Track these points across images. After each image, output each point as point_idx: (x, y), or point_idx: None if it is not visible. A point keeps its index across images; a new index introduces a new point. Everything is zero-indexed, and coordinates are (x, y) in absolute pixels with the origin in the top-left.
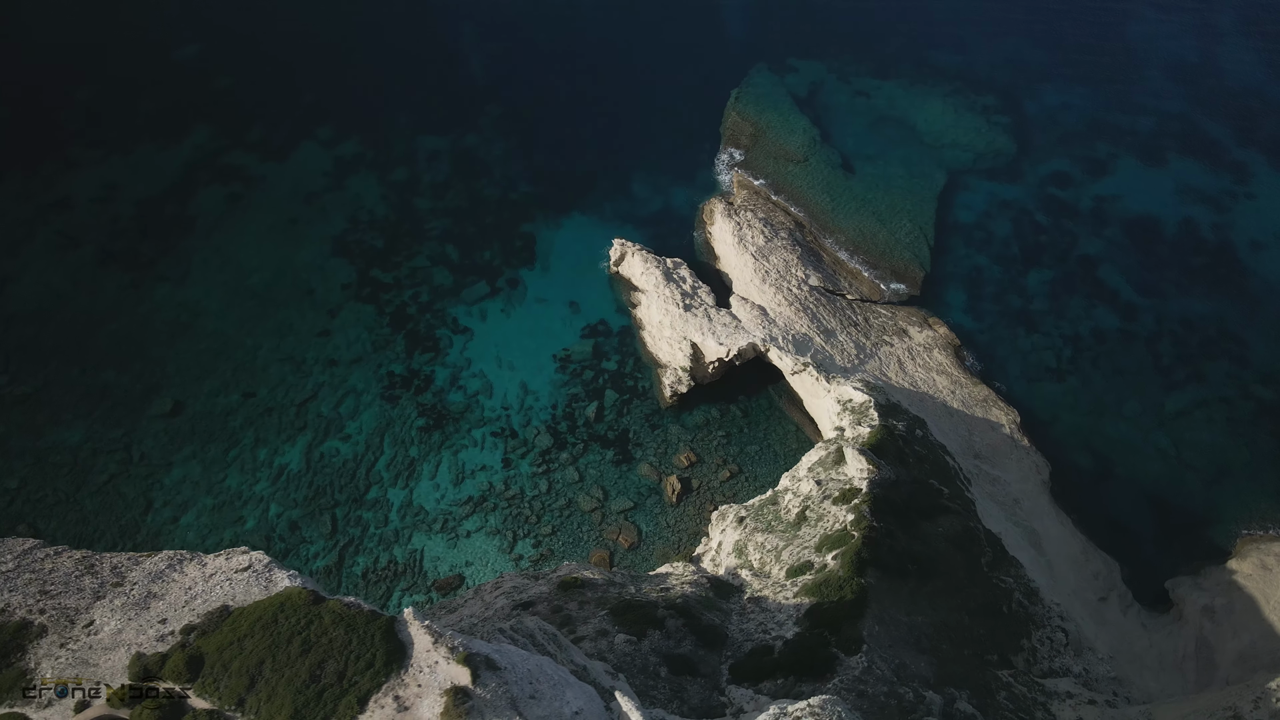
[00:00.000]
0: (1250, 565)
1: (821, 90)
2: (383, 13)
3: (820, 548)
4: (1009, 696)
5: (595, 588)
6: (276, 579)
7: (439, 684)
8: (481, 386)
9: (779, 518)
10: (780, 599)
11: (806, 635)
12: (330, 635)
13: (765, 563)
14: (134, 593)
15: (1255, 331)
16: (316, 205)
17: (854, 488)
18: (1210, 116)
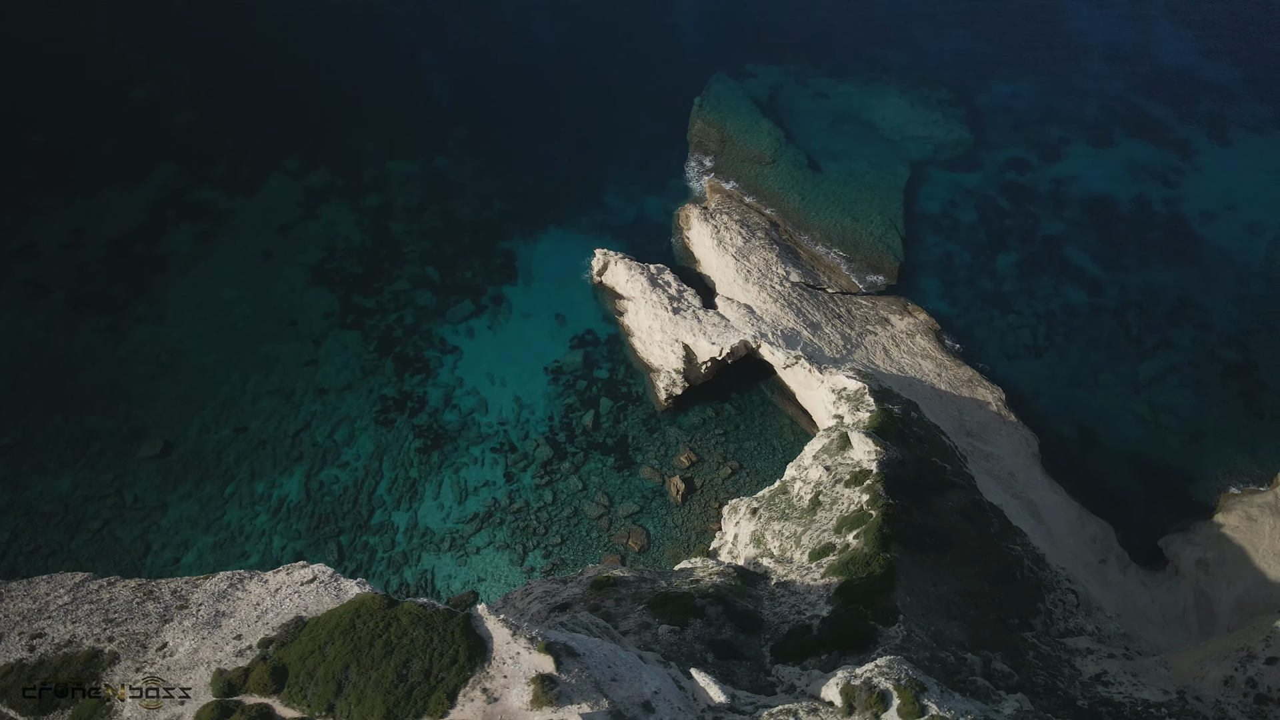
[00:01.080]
0: (1235, 518)
1: (781, 94)
2: (341, 42)
3: (839, 529)
4: (1037, 655)
5: (628, 585)
6: (345, 587)
7: (524, 673)
8: (476, 404)
9: (792, 505)
10: (808, 581)
11: (842, 611)
12: (410, 635)
13: (786, 549)
14: (202, 613)
15: (1214, 297)
16: (290, 236)
17: (864, 469)
18: (1150, 98)
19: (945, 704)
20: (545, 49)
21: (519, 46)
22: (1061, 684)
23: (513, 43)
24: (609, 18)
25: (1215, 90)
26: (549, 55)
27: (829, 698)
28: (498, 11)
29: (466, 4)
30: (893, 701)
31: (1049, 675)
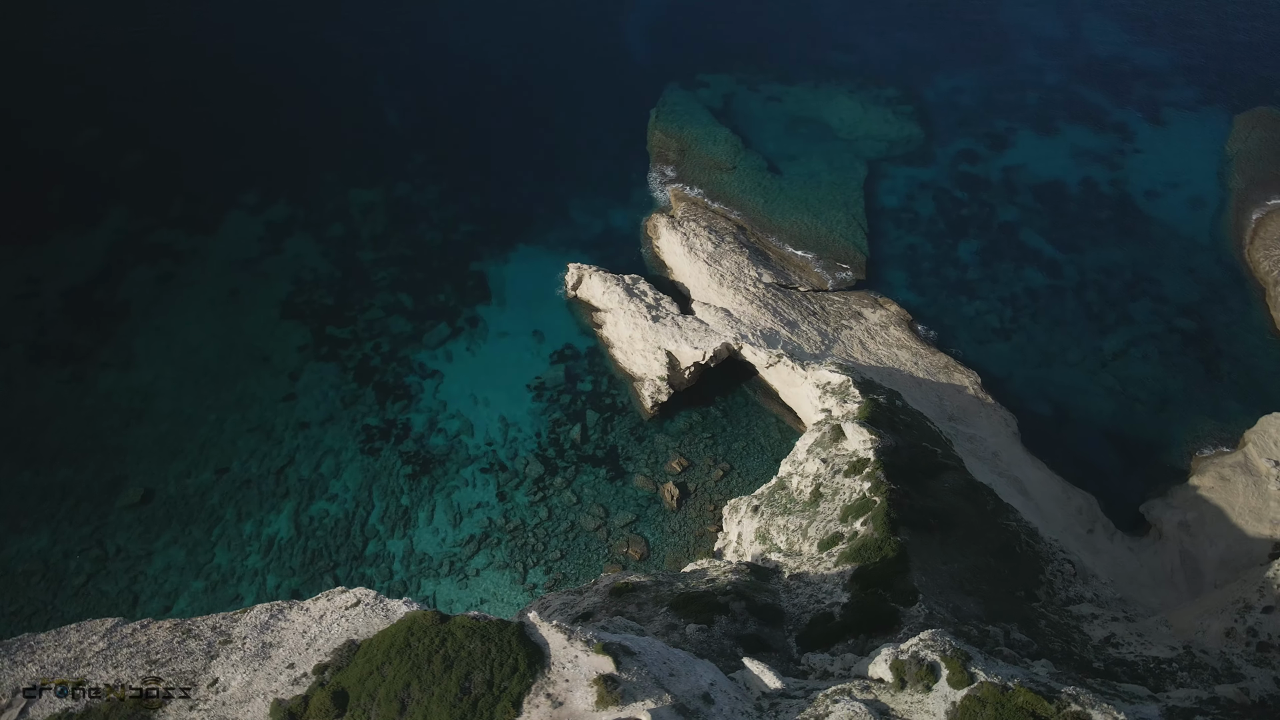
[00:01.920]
0: (1210, 479)
1: (735, 100)
2: (287, 73)
3: (845, 518)
4: (1048, 624)
5: (646, 589)
6: (393, 607)
7: (585, 675)
8: (461, 426)
9: (793, 500)
10: (821, 571)
11: (861, 596)
12: (468, 648)
13: (793, 542)
14: (248, 646)
15: (1165, 270)
16: (256, 272)
17: (862, 458)
18: (1087, 84)
19: (991, 670)
20: (495, 72)
21: (469, 70)
22: (1076, 649)
23: (462, 67)
24: (556, 38)
25: (1146, 75)
26: (500, 77)
27: (878, 675)
28: (446, 37)
29: (414, 30)
30: (942, 672)
31: (1063, 642)
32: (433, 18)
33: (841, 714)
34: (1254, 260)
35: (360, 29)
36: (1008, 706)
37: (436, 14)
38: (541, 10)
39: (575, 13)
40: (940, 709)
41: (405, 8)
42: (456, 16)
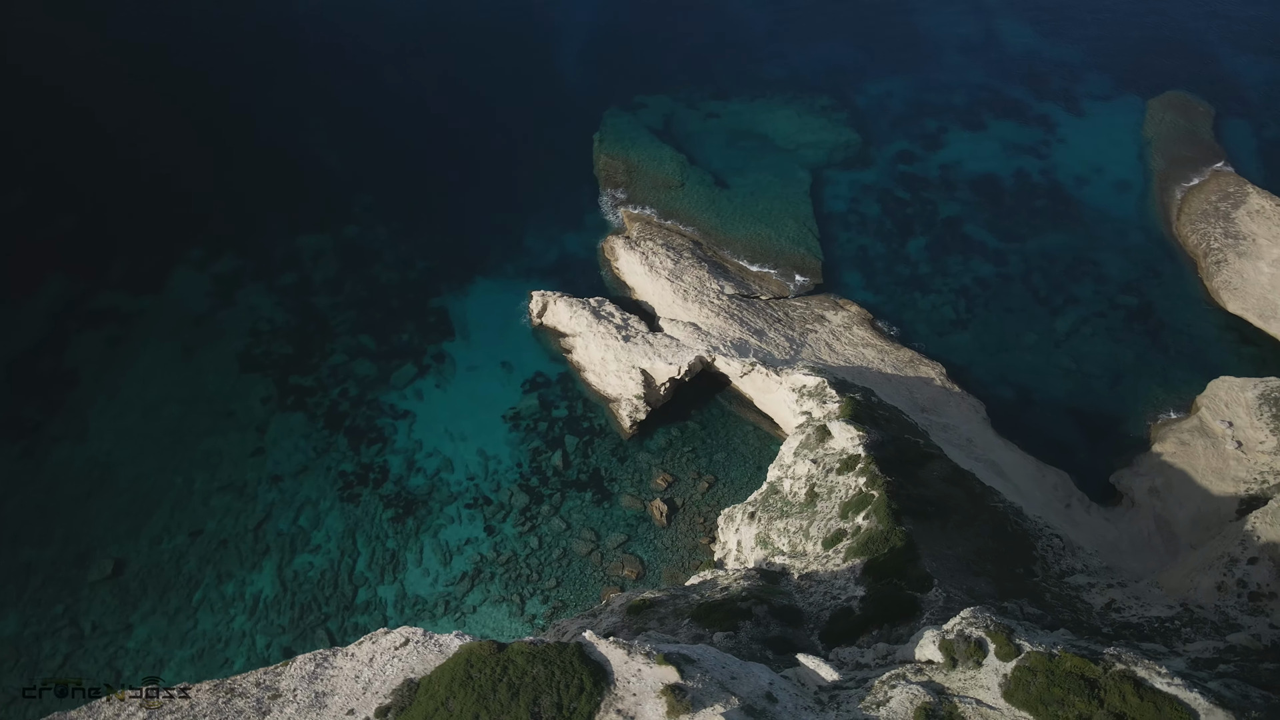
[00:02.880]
0: (1171, 445)
1: (675, 120)
2: (221, 124)
3: (845, 514)
4: (1053, 596)
5: (663, 603)
6: (445, 642)
7: (651, 688)
8: (440, 464)
9: (789, 502)
10: (830, 568)
11: (877, 588)
12: (531, 673)
13: (796, 544)
14: (300, 698)
15: (1102, 251)
16: (209, 327)
17: (852, 455)
18: (1007, 81)
19: (1034, 639)
20: (434, 108)
21: (407, 108)
22: (1082, 617)
23: (399, 105)
24: (490, 71)
25: (1060, 68)
26: (439, 113)
27: (926, 656)
28: (379, 76)
29: (345, 72)
30: (989, 646)
31: (1070, 612)
32: (363, 57)
33: (902, 697)
34: (1183, 235)
35: (289, 73)
36: (1057, 672)
37: (367, 53)
38: (472, 44)
39: (506, 45)
40: (993, 682)
41: (333, 50)
42: (388, 55)
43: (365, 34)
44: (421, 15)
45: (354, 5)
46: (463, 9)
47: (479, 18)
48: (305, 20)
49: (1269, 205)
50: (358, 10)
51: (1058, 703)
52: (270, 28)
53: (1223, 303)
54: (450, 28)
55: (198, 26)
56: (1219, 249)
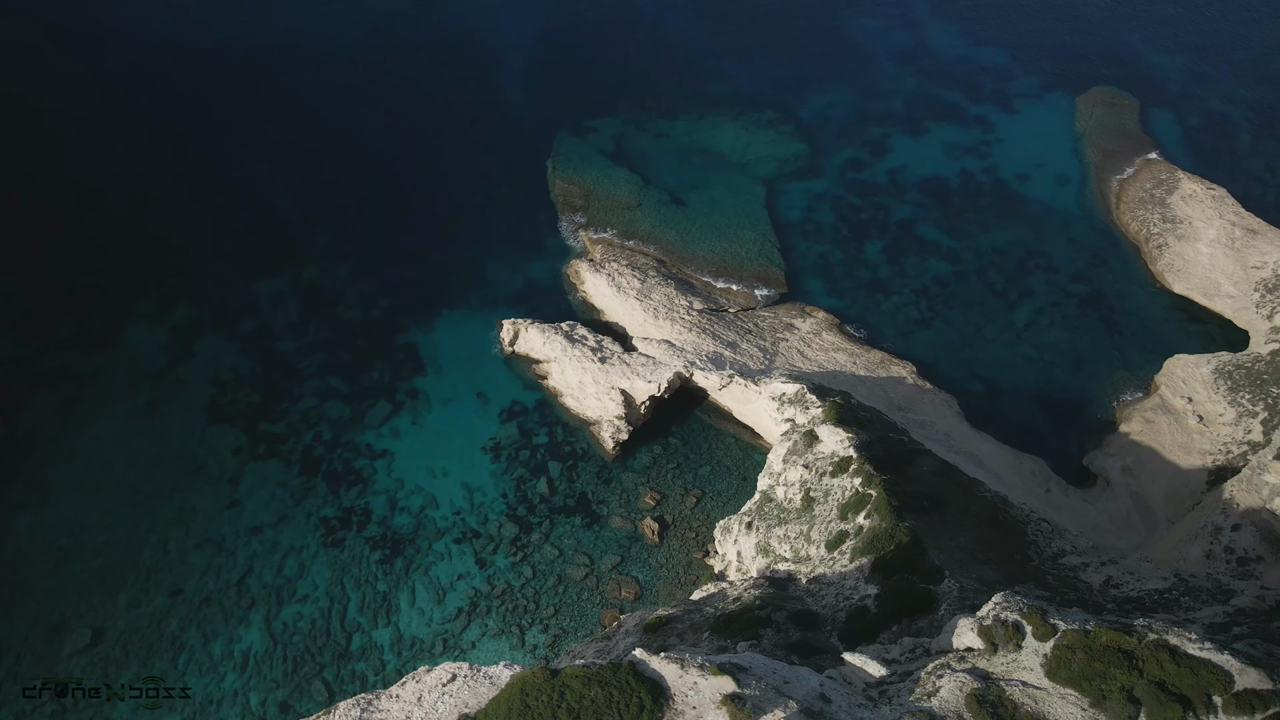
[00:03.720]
0: (1137, 424)
1: (625, 141)
2: (162, 171)
3: (845, 515)
4: (1055, 578)
5: (679, 619)
6: (494, 673)
7: (709, 699)
8: (424, 501)
9: (784, 509)
10: (838, 569)
11: (890, 584)
12: (589, 696)
13: (798, 549)
14: None
15: (1050, 243)
16: (170, 380)
17: (844, 457)
18: (943, 86)
19: (1068, 618)
20: (382, 143)
21: (354, 145)
22: (1085, 595)
23: (347, 143)
24: (436, 104)
25: (991, 71)
26: (387, 148)
27: (965, 644)
28: (323, 115)
29: (289, 113)
30: (1026, 628)
31: (1074, 592)
32: (305, 96)
33: (950, 686)
34: (1124, 223)
35: (229, 116)
36: (1095, 647)
37: (309, 92)
38: (413, 78)
39: (447, 76)
40: (1035, 663)
41: (274, 91)
42: (331, 93)
43: (304, 73)
44: (359, 51)
45: (290, 45)
46: (399, 43)
47: (417, 50)
48: (243, 63)
49: (1200, 189)
50: (295, 50)
51: (1100, 676)
52: (207, 71)
53: (1168, 284)
54: (389, 62)
55: (133, 74)
56: (1159, 234)
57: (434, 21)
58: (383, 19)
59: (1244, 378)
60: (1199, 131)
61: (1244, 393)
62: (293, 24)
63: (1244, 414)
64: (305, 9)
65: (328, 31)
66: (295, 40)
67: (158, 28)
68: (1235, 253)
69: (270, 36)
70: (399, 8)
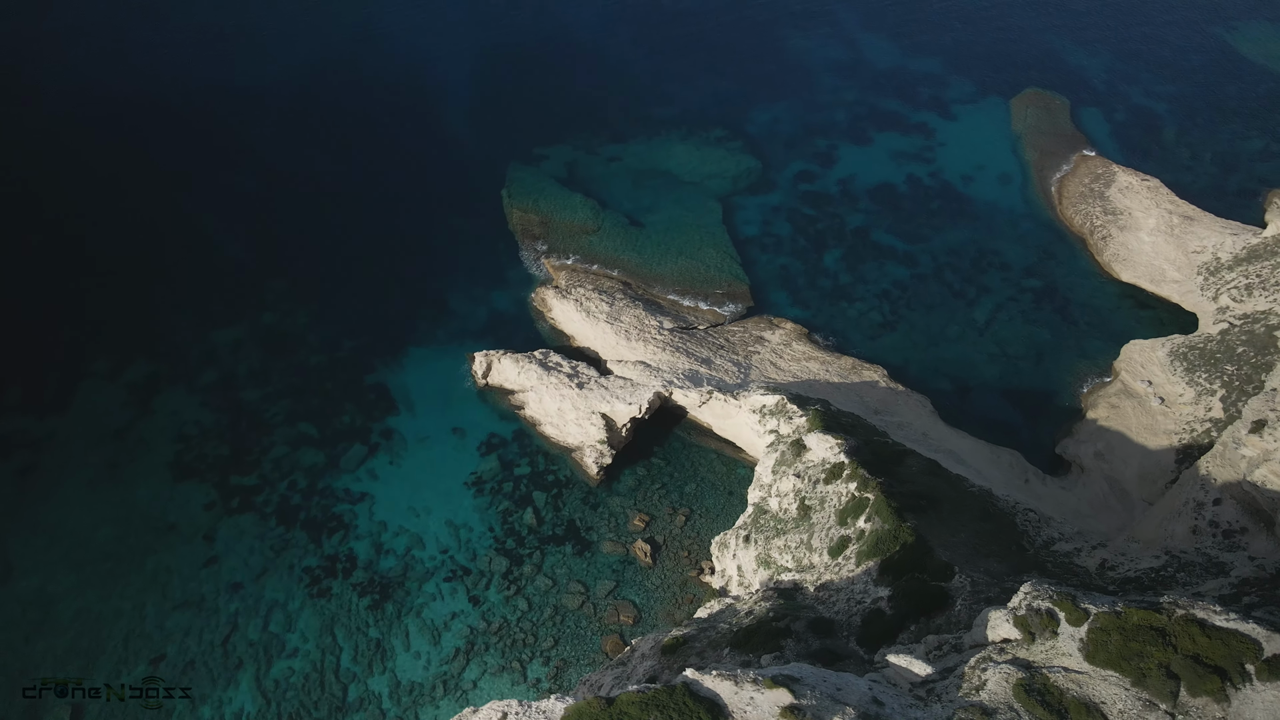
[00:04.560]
0: (1103, 410)
1: (578, 167)
2: (105, 225)
3: (844, 520)
4: (1054, 565)
5: (696, 638)
6: (548, 708)
7: (768, 713)
8: (409, 541)
9: (781, 520)
10: (845, 575)
11: (902, 585)
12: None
13: (800, 558)
14: None
15: (1000, 241)
16: (131, 440)
17: (836, 463)
18: (881, 95)
19: (1097, 602)
20: (331, 184)
21: (302, 187)
22: (1085, 580)
23: (295, 184)
24: (382, 140)
25: (926, 78)
26: (337, 188)
27: (1001, 636)
28: (267, 157)
29: (234, 158)
30: (1059, 615)
31: (1074, 577)
32: (251, 141)
33: (997, 678)
34: (1067, 218)
35: (175, 163)
36: (1128, 627)
37: (254, 136)
38: (358, 114)
39: (392, 112)
40: (1073, 648)
41: (215, 136)
42: (276, 138)
43: (246, 118)
44: (300, 93)
45: (229, 90)
46: (340, 83)
47: (358, 90)
48: (181, 109)
49: (1135, 181)
50: (234, 95)
51: (1137, 655)
52: (143, 118)
53: (1116, 274)
54: (331, 103)
55: (69, 125)
56: (1102, 226)
57: (372, 60)
58: (319, 61)
59: (1198, 358)
60: (1127, 126)
61: (1200, 372)
62: (229, 70)
63: (1203, 392)
64: (241, 54)
65: (265, 75)
66: (234, 85)
67: (93, 75)
68: (1175, 239)
69: (207, 82)
70: (334, 49)
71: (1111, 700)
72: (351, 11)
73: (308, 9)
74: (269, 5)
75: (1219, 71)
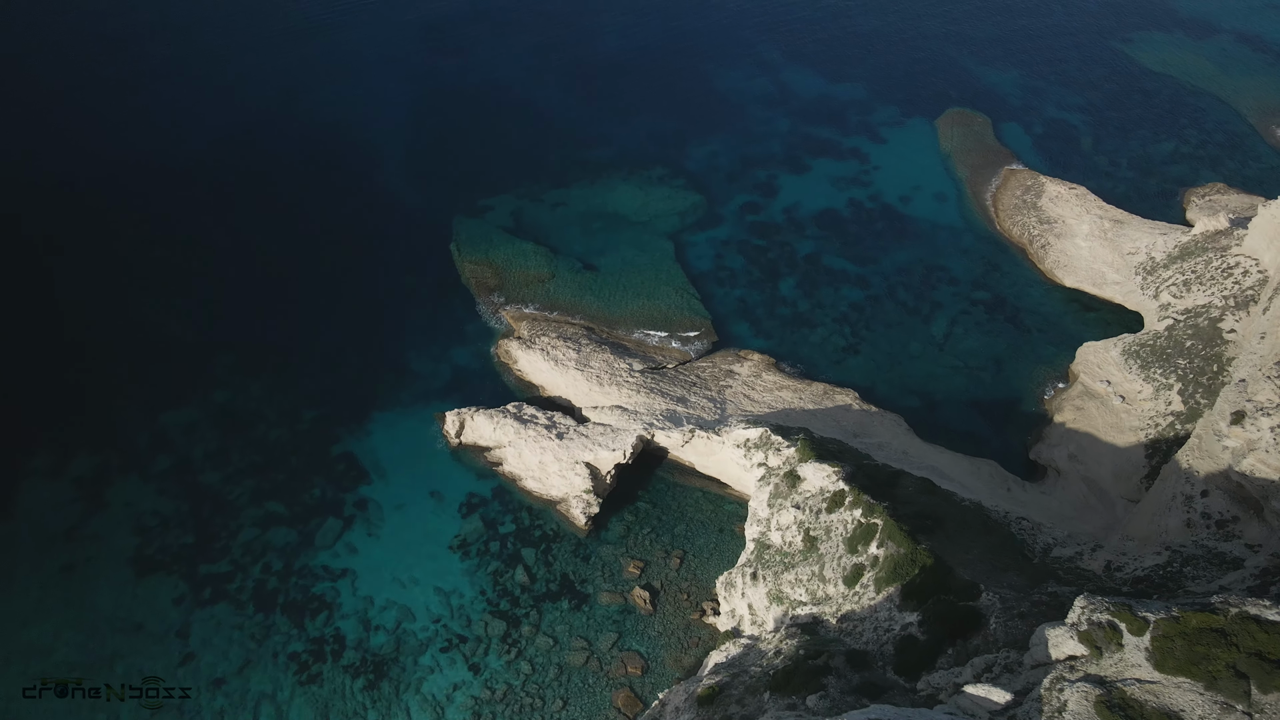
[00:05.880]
0: (1069, 413)
1: (524, 214)
2: (32, 309)
3: (855, 548)
4: (1064, 572)
5: (729, 686)
6: None
7: None
8: (399, 614)
9: (786, 553)
10: (865, 604)
11: (930, 608)
12: None
13: (814, 590)
14: None
15: (946, 257)
16: (85, 538)
17: (837, 490)
18: (812, 124)
19: (1153, 610)
20: (273, 250)
21: (244, 257)
22: (1098, 584)
23: (236, 255)
24: (321, 204)
25: (852, 105)
26: (280, 255)
27: (1066, 653)
28: (204, 229)
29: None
30: (1120, 626)
31: (1087, 582)
32: (181, 213)
33: (1076, 698)
34: (1006, 229)
35: (101, 244)
36: (1190, 631)
37: (185, 210)
38: (292, 182)
39: (328, 176)
40: (1140, 658)
41: (145, 212)
42: (209, 205)
43: (176, 190)
44: (228, 162)
45: (155, 163)
46: (269, 149)
47: (289, 153)
48: (106, 187)
49: (1064, 190)
50: (161, 168)
51: (1204, 659)
52: (65, 199)
53: (1059, 280)
54: (263, 170)
55: None
56: (1039, 235)
57: (300, 121)
58: (243, 127)
59: (1150, 355)
60: (1046, 139)
61: (1155, 368)
62: (153, 141)
63: (1160, 387)
64: (158, 127)
65: (192, 145)
66: (161, 157)
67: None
68: (1109, 243)
69: (131, 156)
70: (255, 115)
71: (1190, 707)
72: (270, 78)
73: (221, 79)
74: (182, 78)
75: (1122, 81)
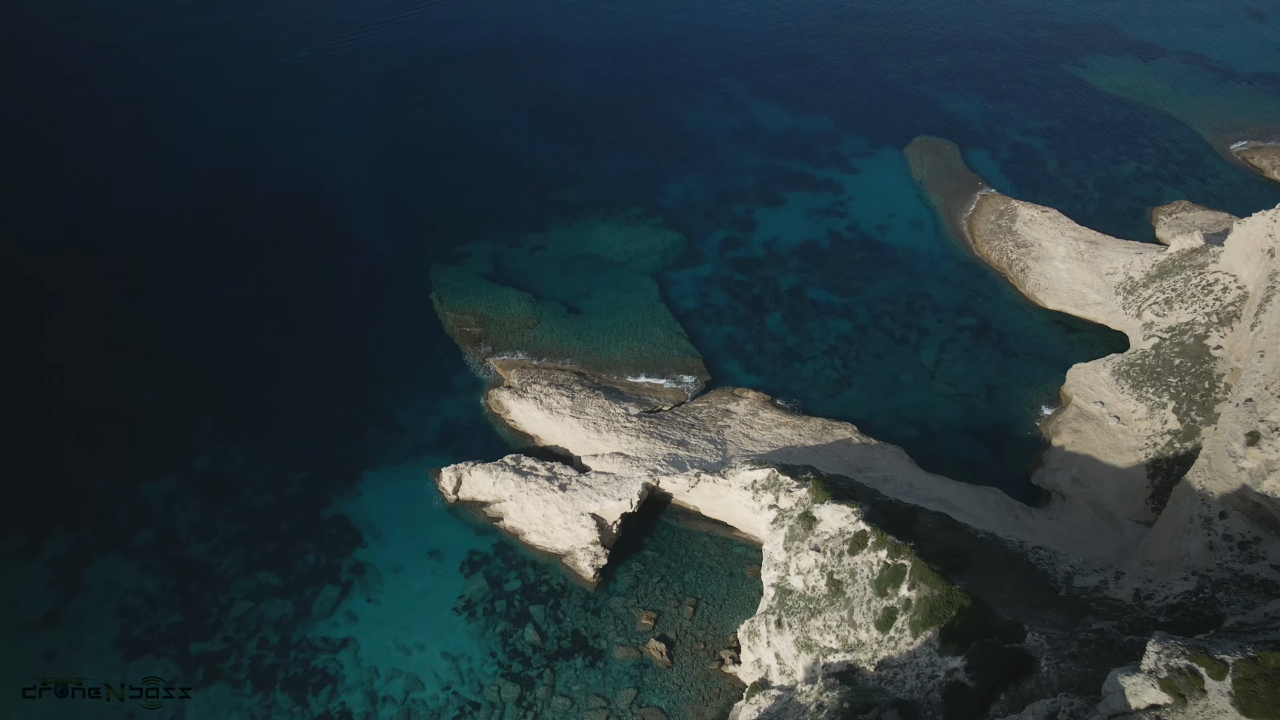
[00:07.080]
0: (1066, 435)
1: (503, 260)
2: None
3: (883, 591)
4: (1096, 603)
5: None
6: None
7: None
8: (407, 684)
9: (811, 599)
10: (903, 649)
11: (975, 652)
12: None
13: (845, 636)
14: None
15: (928, 284)
16: (65, 623)
17: (858, 531)
18: (784, 158)
19: (1228, 651)
20: (247, 311)
21: (215, 314)
22: (1131, 616)
23: (209, 316)
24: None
25: (821, 137)
26: (254, 314)
27: (1148, 701)
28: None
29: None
30: (1199, 670)
31: (1119, 613)
32: (149, 274)
33: None
34: (984, 254)
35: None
36: (1269, 672)
37: (152, 269)
38: (263, 238)
39: (299, 230)
40: (1225, 704)
41: (113, 274)
42: (173, 267)
43: (143, 250)
44: (195, 219)
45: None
46: (237, 206)
47: (257, 209)
48: (69, 248)
49: (1036, 213)
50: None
51: None
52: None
53: (1041, 303)
54: (231, 226)
55: None
56: (1018, 259)
57: (267, 177)
58: (213, 188)
59: (1140, 374)
60: (1013, 163)
61: (1147, 388)
62: (124, 202)
63: (1154, 406)
64: (134, 185)
65: (156, 203)
66: (130, 220)
67: None
68: (1087, 264)
69: (95, 216)
70: (220, 169)
71: None
72: (237, 137)
73: (186, 138)
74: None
75: (1079, 104)
